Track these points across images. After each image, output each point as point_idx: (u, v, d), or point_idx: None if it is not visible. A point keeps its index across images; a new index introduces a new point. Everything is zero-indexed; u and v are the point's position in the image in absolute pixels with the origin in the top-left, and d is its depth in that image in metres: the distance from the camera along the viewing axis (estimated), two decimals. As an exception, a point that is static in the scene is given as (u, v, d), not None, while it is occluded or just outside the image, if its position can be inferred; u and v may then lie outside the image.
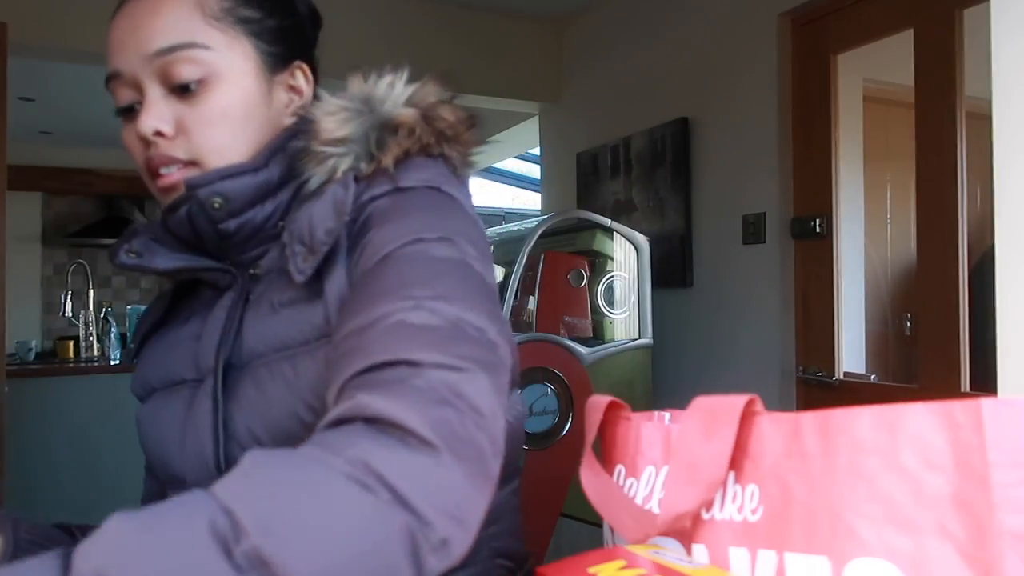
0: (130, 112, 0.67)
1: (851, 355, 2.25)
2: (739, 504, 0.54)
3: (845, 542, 0.47)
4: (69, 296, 3.95)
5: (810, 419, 0.51)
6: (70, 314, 3.94)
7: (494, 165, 5.23)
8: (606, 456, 0.69)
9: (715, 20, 2.55)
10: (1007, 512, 0.42)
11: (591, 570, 0.49)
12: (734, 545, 0.54)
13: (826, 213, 2.22)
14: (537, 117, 3.72)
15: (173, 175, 0.65)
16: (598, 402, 0.70)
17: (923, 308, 1.96)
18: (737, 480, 0.55)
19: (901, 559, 0.45)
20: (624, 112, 2.99)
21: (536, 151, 4.38)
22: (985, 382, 1.82)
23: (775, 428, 0.54)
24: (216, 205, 0.64)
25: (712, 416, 0.56)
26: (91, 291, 4.03)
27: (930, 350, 1.92)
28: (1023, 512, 0.42)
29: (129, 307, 3.99)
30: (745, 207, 2.41)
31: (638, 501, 0.63)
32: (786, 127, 2.32)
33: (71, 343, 3.96)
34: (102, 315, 3.93)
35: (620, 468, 0.67)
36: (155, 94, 0.65)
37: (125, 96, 0.66)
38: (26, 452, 3.39)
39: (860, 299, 2.31)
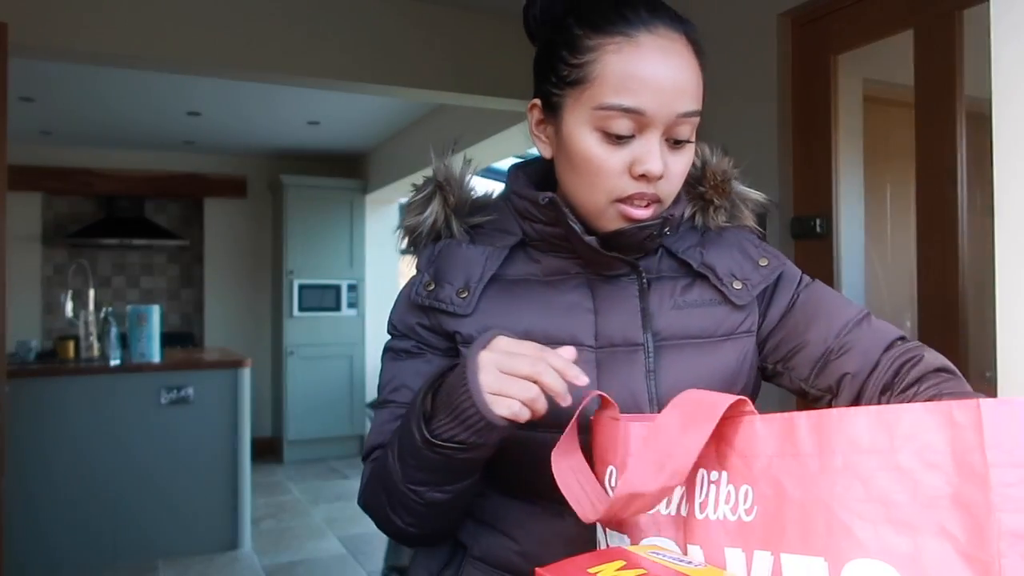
0: (619, 139, 0.76)
1: (851, 355, 2.24)
2: (732, 504, 0.54)
3: (842, 543, 0.47)
4: (69, 296, 3.95)
5: (804, 419, 0.51)
6: (70, 314, 3.93)
7: (494, 165, 5.24)
8: (598, 458, 0.69)
9: (715, 20, 2.55)
10: (1007, 511, 0.41)
11: (591, 570, 0.49)
12: (729, 546, 0.54)
13: (826, 213, 2.22)
14: (537, 117, 3.72)
15: (646, 209, 0.79)
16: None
17: (923, 308, 1.96)
18: (730, 480, 0.55)
19: (899, 560, 0.45)
20: (624, 112, 2.98)
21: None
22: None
23: (767, 428, 0.53)
24: (668, 231, 0.84)
25: (694, 410, 0.56)
26: (91, 291, 4.02)
27: (930, 350, 1.92)
28: (1023, 512, 0.41)
29: (129, 307, 3.98)
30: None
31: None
32: (786, 127, 2.32)
33: (71, 343, 3.95)
34: (102, 315, 3.93)
35: (611, 469, 0.67)
36: (658, 141, 0.77)
37: (625, 127, 0.75)
38: (26, 451, 3.39)
39: (860, 299, 2.31)
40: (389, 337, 0.89)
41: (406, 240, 0.91)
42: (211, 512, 3.83)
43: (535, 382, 0.64)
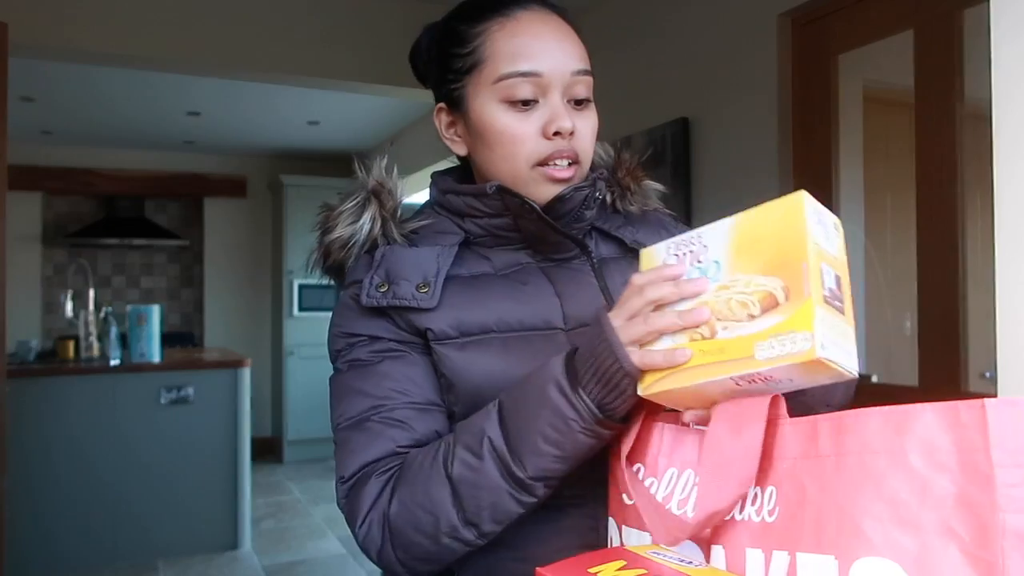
0: (525, 105, 0.80)
1: (851, 355, 2.24)
2: (758, 506, 0.54)
3: (852, 541, 0.47)
4: (69, 296, 3.95)
5: (826, 421, 0.52)
6: (70, 314, 3.93)
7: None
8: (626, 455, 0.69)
9: (715, 20, 2.55)
10: (1011, 512, 0.42)
11: (591, 570, 0.49)
12: (751, 546, 0.54)
13: (826, 213, 2.22)
14: (537, 117, 3.72)
15: (568, 169, 0.81)
16: None
17: (923, 308, 1.96)
18: (757, 483, 0.55)
19: (905, 558, 0.45)
20: (624, 112, 2.99)
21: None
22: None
23: (794, 431, 0.54)
24: (599, 195, 0.86)
25: (739, 416, 0.56)
26: (91, 291, 4.02)
27: (930, 350, 1.92)
28: None
29: (129, 307, 3.98)
30: (745, 207, 2.40)
31: (659, 500, 0.63)
32: (786, 127, 2.32)
33: (71, 343, 3.95)
34: (102, 315, 3.93)
35: (639, 467, 0.67)
36: (561, 101, 0.80)
37: (527, 91, 0.79)
38: (26, 452, 3.39)
39: (860, 299, 2.31)
40: (339, 358, 0.83)
41: (329, 257, 0.86)
42: (211, 512, 3.83)
43: (658, 305, 0.64)
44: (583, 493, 0.77)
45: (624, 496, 0.66)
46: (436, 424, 0.80)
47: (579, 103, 0.82)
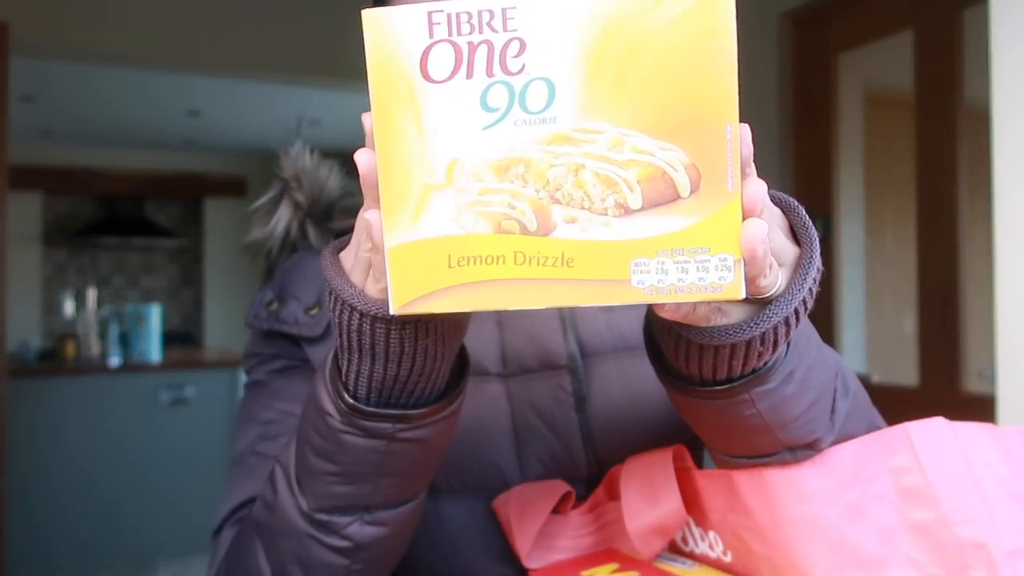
0: None
1: (852, 355, 2.25)
2: (708, 543, 0.53)
3: None
4: (69, 296, 3.95)
5: (741, 475, 0.49)
6: (70, 314, 3.93)
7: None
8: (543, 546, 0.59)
9: (715, 20, 2.55)
10: (961, 524, 0.42)
11: (584, 573, 0.49)
12: (720, 572, 0.53)
13: (826, 213, 2.22)
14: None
15: None
16: (522, 497, 0.57)
17: (923, 308, 1.96)
18: (697, 523, 0.54)
19: None
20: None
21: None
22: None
23: (710, 484, 0.52)
24: None
25: (647, 477, 0.53)
26: (91, 291, 4.02)
27: (930, 350, 1.92)
28: (975, 521, 0.41)
29: (129, 307, 3.98)
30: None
31: None
32: (786, 127, 2.32)
33: (71, 343, 3.95)
34: (102, 315, 3.93)
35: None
36: None
37: None
38: (26, 451, 3.39)
39: (860, 299, 2.31)
40: (247, 380, 0.68)
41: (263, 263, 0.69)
42: (210, 512, 3.80)
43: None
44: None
45: None
46: None
47: None
